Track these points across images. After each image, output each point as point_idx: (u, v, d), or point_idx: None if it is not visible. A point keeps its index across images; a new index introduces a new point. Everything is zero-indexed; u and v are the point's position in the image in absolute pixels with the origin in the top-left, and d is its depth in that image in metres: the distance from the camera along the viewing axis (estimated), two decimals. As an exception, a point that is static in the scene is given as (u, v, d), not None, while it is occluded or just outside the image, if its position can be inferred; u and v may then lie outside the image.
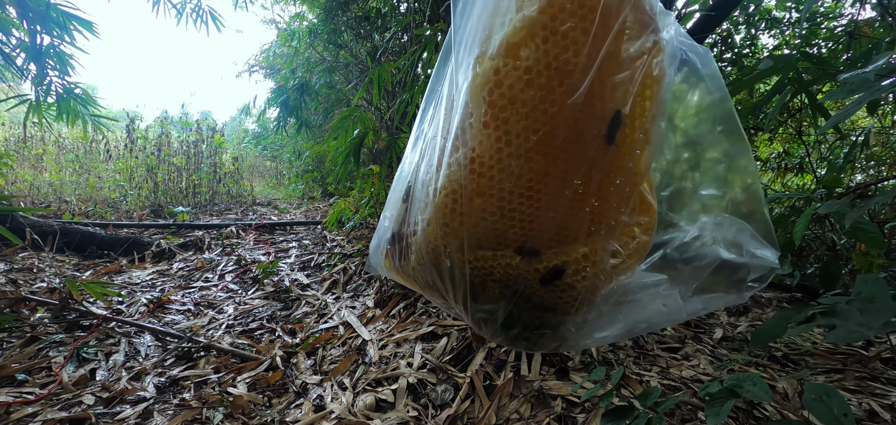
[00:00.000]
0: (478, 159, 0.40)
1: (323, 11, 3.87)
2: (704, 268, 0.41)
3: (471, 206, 0.41)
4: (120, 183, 4.86)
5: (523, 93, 0.37)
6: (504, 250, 0.42)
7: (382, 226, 0.57)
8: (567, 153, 0.38)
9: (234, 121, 11.31)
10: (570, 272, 0.41)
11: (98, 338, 1.62)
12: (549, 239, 0.41)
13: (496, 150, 0.39)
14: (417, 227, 0.47)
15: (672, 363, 1.37)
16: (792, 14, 2.69)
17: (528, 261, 0.42)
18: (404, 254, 0.52)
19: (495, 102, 0.38)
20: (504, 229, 0.41)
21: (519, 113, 0.38)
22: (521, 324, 0.47)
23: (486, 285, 0.44)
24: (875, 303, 0.39)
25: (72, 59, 2.47)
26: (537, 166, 0.39)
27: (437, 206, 0.43)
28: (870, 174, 2.96)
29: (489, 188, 0.40)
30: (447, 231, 0.43)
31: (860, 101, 0.44)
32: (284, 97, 4.46)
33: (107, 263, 2.63)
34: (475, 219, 0.42)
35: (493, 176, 0.40)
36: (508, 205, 0.40)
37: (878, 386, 1.29)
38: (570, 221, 0.40)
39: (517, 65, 0.37)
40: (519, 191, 0.40)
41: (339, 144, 2.10)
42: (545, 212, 0.40)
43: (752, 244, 0.40)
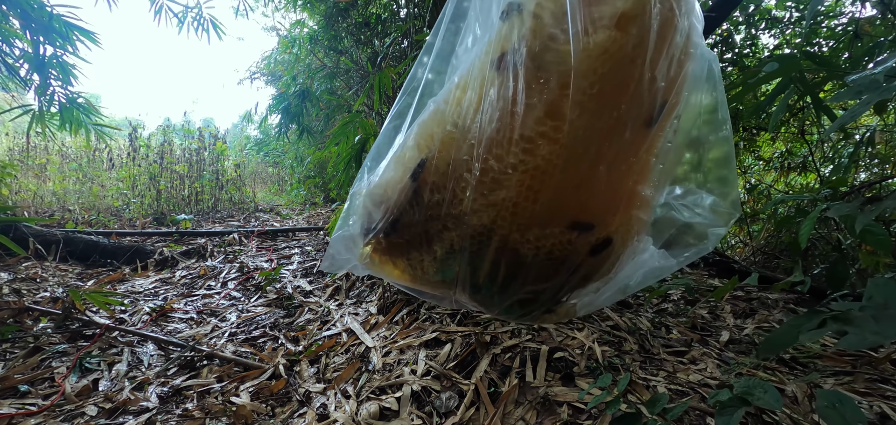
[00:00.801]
0: (570, 133, 0.39)
1: (323, 18, 3.89)
2: (667, 228, 0.46)
3: (551, 184, 0.40)
4: (123, 191, 4.88)
5: (625, 69, 0.38)
6: (560, 227, 0.43)
7: (363, 212, 0.50)
8: (632, 133, 0.40)
9: (235, 128, 11.36)
10: (616, 241, 0.44)
11: (101, 348, 1.61)
12: (602, 212, 0.43)
13: (588, 125, 0.39)
14: (454, 209, 0.43)
15: (679, 367, 1.35)
16: (792, 13, 2.69)
17: (585, 235, 0.43)
18: (417, 245, 0.47)
19: (605, 76, 0.38)
20: (570, 206, 0.42)
21: (615, 88, 0.39)
22: (554, 300, 0.48)
23: (542, 265, 0.44)
24: (889, 309, 0.38)
25: (74, 68, 2.49)
26: (613, 143, 0.40)
27: (511, 184, 0.40)
28: (874, 172, 2.94)
29: (575, 164, 0.40)
30: (515, 211, 0.41)
31: (868, 102, 0.44)
32: (286, 103, 4.48)
33: (110, 272, 2.63)
34: (550, 197, 0.41)
35: (580, 152, 0.39)
36: (583, 181, 0.41)
37: (888, 388, 1.28)
38: (618, 195, 0.43)
39: (628, 40, 0.38)
40: (594, 169, 0.41)
41: (340, 150, 2.10)
42: (604, 187, 0.42)
43: (708, 211, 0.45)
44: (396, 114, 0.54)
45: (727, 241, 3.75)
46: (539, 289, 0.46)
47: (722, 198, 0.45)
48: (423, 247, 0.47)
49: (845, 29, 2.26)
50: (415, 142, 0.47)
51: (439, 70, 0.53)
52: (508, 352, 1.36)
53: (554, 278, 0.44)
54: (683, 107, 0.42)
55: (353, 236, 0.51)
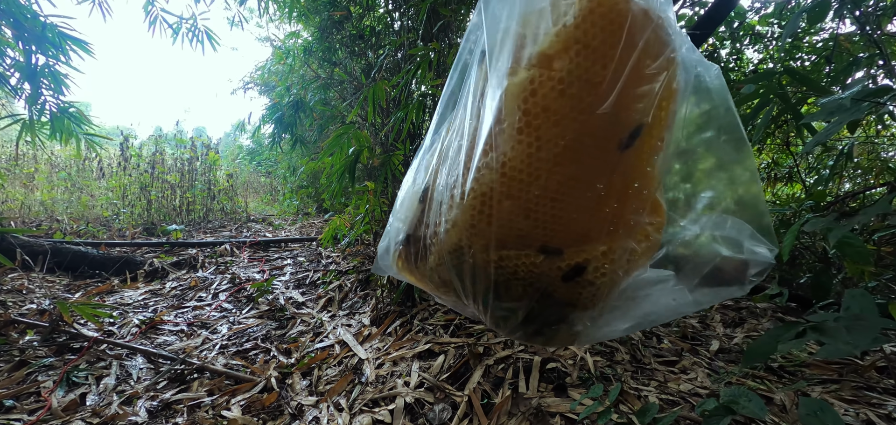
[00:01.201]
0: (509, 163, 0.42)
1: (318, 30, 3.92)
2: (705, 264, 0.43)
3: (500, 208, 0.43)
4: (112, 201, 4.82)
5: (556, 102, 0.40)
6: (527, 250, 0.44)
7: (393, 228, 0.58)
8: (592, 159, 0.41)
9: (228, 137, 11.30)
10: (590, 269, 0.44)
11: (89, 361, 1.59)
12: (572, 238, 0.44)
13: (527, 155, 0.41)
14: (439, 228, 0.48)
15: (670, 377, 1.37)
16: (775, 29, 2.77)
17: (552, 259, 0.44)
18: (421, 255, 0.53)
19: (530, 110, 0.41)
20: (529, 230, 0.43)
21: (550, 120, 0.40)
22: (541, 321, 0.49)
23: (509, 284, 0.46)
24: (862, 320, 0.40)
25: (67, 78, 2.47)
26: (564, 171, 0.41)
27: (465, 208, 0.44)
28: (857, 183, 3.02)
29: (518, 191, 0.42)
30: (473, 232, 0.45)
31: (838, 123, 0.46)
32: (279, 114, 4.48)
33: (98, 283, 2.60)
34: (503, 221, 0.43)
35: (523, 180, 0.42)
36: (535, 207, 0.42)
37: (874, 395, 1.30)
38: (592, 222, 0.43)
39: (552, 75, 0.40)
40: (546, 195, 0.42)
41: (334, 161, 2.11)
42: (569, 213, 0.42)
43: (750, 241, 0.42)
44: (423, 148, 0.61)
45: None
46: (513, 306, 0.48)
47: (757, 228, 0.42)
48: (425, 258, 0.53)
49: (826, 44, 2.33)
50: (425, 170, 0.55)
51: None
52: (501, 363, 1.36)
53: (526, 298, 0.46)
54: (666, 127, 0.42)
55: (389, 247, 0.58)
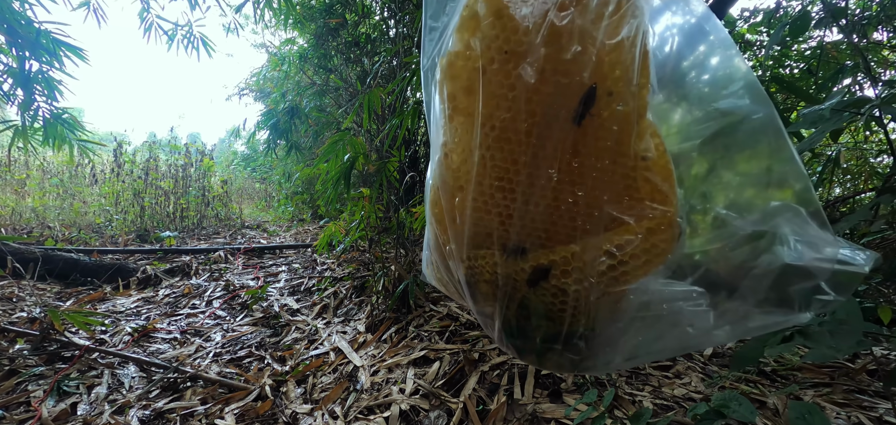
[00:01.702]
0: (450, 154, 0.40)
1: (313, 37, 3.93)
2: (763, 277, 0.30)
3: (460, 204, 0.40)
4: (105, 207, 4.78)
5: (477, 82, 0.36)
6: (492, 249, 0.40)
7: (427, 235, 0.55)
8: (536, 138, 0.35)
9: (222, 143, 11.27)
10: (555, 272, 0.37)
11: (80, 370, 1.57)
12: (537, 236, 0.38)
13: (463, 143, 0.38)
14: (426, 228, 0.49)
15: (664, 381, 1.37)
16: (764, 37, 2.82)
17: (514, 260, 0.38)
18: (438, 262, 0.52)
19: (453, 94, 0.38)
20: (490, 225, 0.39)
21: (470, 97, 0.37)
22: (525, 335, 0.42)
23: (479, 286, 0.42)
24: (845, 325, 0.41)
25: (60, 84, 2.46)
26: (507, 155, 0.36)
27: (429, 203, 0.44)
28: (847, 188, 3.06)
29: (466, 181, 0.39)
30: (440, 228, 0.43)
31: (820, 134, 0.47)
32: (274, 120, 4.48)
33: (90, 291, 2.57)
34: (464, 216, 0.40)
35: (468, 169, 0.38)
36: (490, 199, 0.38)
37: (865, 398, 1.32)
38: (555, 216, 0.36)
39: (467, 54, 0.36)
40: (496, 184, 0.37)
41: (329, 168, 2.11)
42: (524, 204, 0.37)
43: (821, 241, 0.29)
44: None
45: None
46: (487, 312, 0.44)
47: (817, 223, 0.30)
48: (444, 261, 0.50)
49: (814, 51, 2.38)
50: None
51: None
52: (496, 370, 1.37)
53: (497, 302, 0.41)
54: (643, 89, 0.34)
55: (425, 255, 0.55)
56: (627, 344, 0.37)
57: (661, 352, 0.36)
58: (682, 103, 0.37)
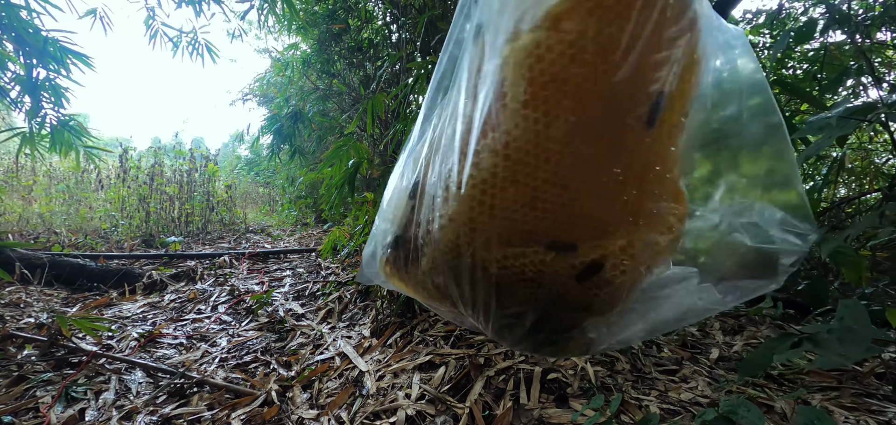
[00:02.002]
0: (513, 143, 0.36)
1: (317, 42, 3.96)
2: (728, 258, 0.38)
3: (503, 197, 0.38)
4: (111, 213, 4.81)
5: (566, 69, 0.35)
6: (535, 246, 0.38)
7: (379, 230, 0.52)
8: (607, 137, 0.36)
9: (226, 148, 11.33)
10: (608, 266, 0.38)
11: (87, 376, 1.58)
12: (587, 232, 0.38)
13: (534, 133, 0.36)
14: (432, 226, 0.42)
15: (671, 386, 1.37)
16: (767, 39, 2.81)
17: (564, 256, 0.38)
18: (412, 258, 0.47)
19: (536, 79, 0.35)
20: (537, 223, 0.38)
21: (560, 91, 0.35)
22: (550, 329, 0.43)
23: (514, 287, 0.40)
24: (853, 331, 0.41)
25: (67, 91, 2.49)
26: (577, 152, 0.36)
27: (463, 199, 0.39)
28: (852, 188, 3.05)
29: (524, 176, 0.36)
30: (473, 226, 0.39)
31: (825, 140, 0.47)
32: (278, 125, 4.51)
33: (97, 296, 2.59)
34: (506, 213, 0.38)
35: (529, 162, 0.36)
36: (543, 195, 0.37)
37: (874, 402, 1.31)
38: (609, 212, 0.37)
39: (561, 38, 0.35)
40: (556, 180, 0.36)
41: (333, 173, 2.12)
42: (582, 201, 0.37)
43: (779, 229, 0.37)
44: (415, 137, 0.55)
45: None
46: (519, 312, 0.43)
47: (789, 212, 0.37)
48: (416, 262, 0.46)
49: (817, 53, 2.37)
50: (413, 162, 0.48)
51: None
52: (502, 375, 1.37)
53: (534, 303, 0.41)
54: (689, 102, 0.37)
55: (375, 252, 0.52)
56: (644, 319, 0.41)
57: (672, 324, 0.41)
58: (718, 68, 0.41)
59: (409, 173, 0.49)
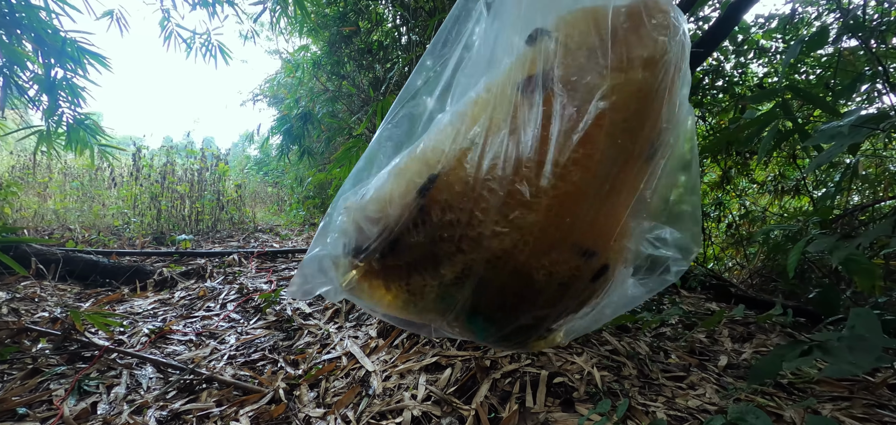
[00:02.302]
0: (601, 161, 0.40)
1: (327, 44, 3.99)
2: (637, 259, 0.49)
3: (576, 210, 0.41)
4: (123, 210, 4.89)
5: (649, 105, 0.42)
6: (574, 253, 0.43)
7: (348, 226, 0.46)
8: (637, 164, 0.44)
9: (236, 147, 11.45)
10: (611, 268, 0.46)
11: (99, 370, 1.61)
12: (602, 241, 0.45)
13: (614, 156, 0.41)
14: (474, 231, 0.41)
15: (678, 392, 1.36)
16: (779, 44, 2.78)
17: (589, 261, 0.44)
18: (420, 268, 0.44)
19: (636, 112, 0.42)
20: (584, 233, 0.42)
21: (639, 121, 0.42)
22: (543, 327, 0.48)
23: (548, 289, 0.44)
24: (864, 340, 0.41)
25: (84, 90, 2.54)
26: (624, 174, 0.43)
27: (541, 208, 0.39)
28: (866, 196, 3.00)
29: (599, 192, 0.41)
30: (541, 235, 0.40)
31: (837, 148, 0.47)
32: (288, 125, 4.56)
33: (109, 292, 2.63)
34: (572, 223, 0.41)
35: (603, 180, 0.41)
36: (600, 209, 0.43)
37: (886, 413, 1.28)
38: (615, 225, 0.45)
39: (655, 79, 0.42)
40: (609, 197, 0.42)
41: (342, 174, 2.14)
42: (611, 219, 0.44)
43: (672, 246, 0.47)
44: (392, 124, 0.51)
45: (725, 264, 3.78)
46: (544, 314, 0.45)
47: (684, 233, 0.47)
48: (428, 270, 0.43)
49: (831, 58, 2.34)
50: (422, 156, 0.44)
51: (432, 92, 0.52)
52: (508, 377, 1.37)
53: (559, 303, 0.44)
54: (672, 147, 0.45)
55: (334, 257, 0.46)
56: (592, 311, 0.49)
57: (611, 314, 0.49)
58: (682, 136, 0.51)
59: (417, 166, 0.44)
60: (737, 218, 3.51)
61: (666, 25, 0.42)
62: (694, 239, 0.47)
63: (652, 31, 0.42)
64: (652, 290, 0.47)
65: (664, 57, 0.42)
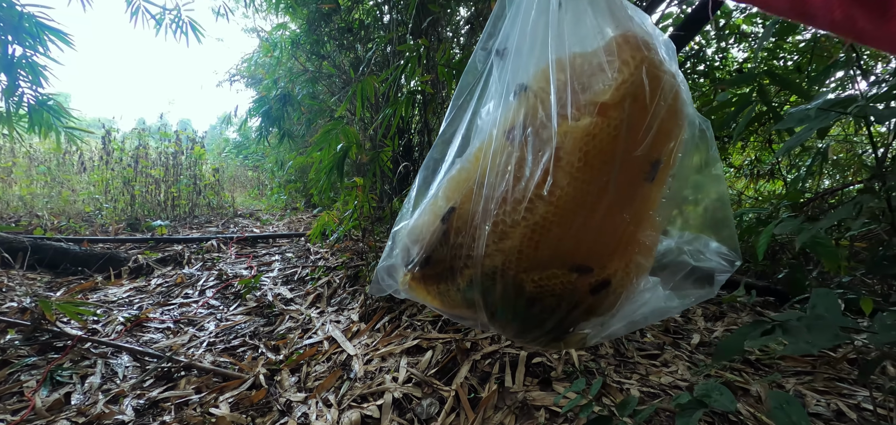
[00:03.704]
0: (562, 195, 0.48)
1: (306, 22, 3.87)
2: (678, 272, 0.53)
3: (548, 235, 0.49)
4: (94, 196, 4.72)
5: (609, 145, 0.47)
6: (564, 269, 0.50)
7: (402, 247, 0.60)
8: (624, 190, 0.48)
9: (213, 130, 11.12)
10: (614, 282, 0.50)
11: (72, 360, 1.57)
12: (601, 258, 0.50)
13: (580, 190, 0.47)
14: (475, 251, 0.52)
15: (651, 370, 1.41)
16: (759, 29, 2.82)
17: (583, 276, 0.50)
18: (443, 275, 0.56)
19: (589, 152, 0.47)
20: (569, 253, 0.49)
21: (602, 159, 0.47)
22: (560, 328, 0.54)
23: (544, 299, 0.51)
24: (823, 319, 0.42)
25: (45, 69, 2.41)
26: (605, 202, 0.48)
27: (516, 236, 0.49)
28: (836, 180, 3.11)
29: (566, 219, 0.48)
30: (519, 256, 0.50)
31: (807, 131, 0.48)
32: (267, 107, 4.43)
33: (81, 280, 2.55)
34: (548, 246, 0.49)
35: (574, 211, 0.48)
36: (577, 233, 0.48)
37: (845, 386, 1.36)
38: (616, 242, 0.50)
39: (609, 123, 0.47)
40: (589, 223, 0.48)
41: (323, 157, 2.10)
42: (603, 237, 0.49)
43: (713, 254, 0.52)
44: (429, 167, 0.65)
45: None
46: (544, 318, 0.54)
47: (722, 242, 0.51)
48: (449, 279, 0.56)
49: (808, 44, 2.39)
50: (444, 194, 0.57)
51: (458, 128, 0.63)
52: (488, 358, 1.39)
53: (557, 311, 0.52)
54: (678, 166, 0.50)
55: (396, 266, 0.61)
56: (624, 318, 0.53)
57: (644, 321, 0.53)
58: (696, 147, 0.54)
59: (441, 201, 0.58)
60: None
61: (633, 63, 0.46)
62: (733, 247, 0.50)
63: (613, 73, 0.47)
64: (692, 301, 0.51)
65: (620, 101, 0.47)
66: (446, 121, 0.63)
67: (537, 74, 0.52)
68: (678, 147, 0.49)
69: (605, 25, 0.49)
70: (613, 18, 0.48)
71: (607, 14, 0.48)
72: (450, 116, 0.62)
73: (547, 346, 0.56)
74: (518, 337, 0.58)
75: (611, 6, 0.48)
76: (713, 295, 0.49)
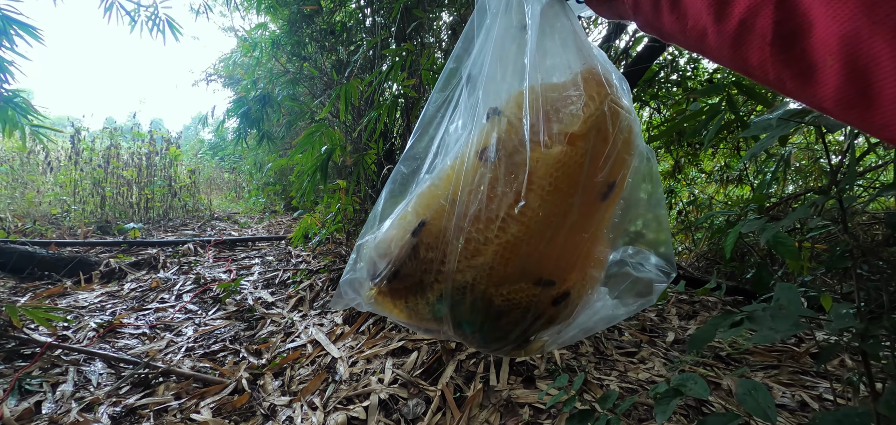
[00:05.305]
0: (532, 217, 0.51)
1: (287, 23, 3.82)
2: (622, 282, 0.58)
3: (517, 253, 0.52)
4: (62, 197, 4.52)
5: (576, 172, 0.50)
6: (529, 283, 0.53)
7: (368, 261, 0.60)
8: (585, 210, 0.52)
9: (188, 131, 10.81)
10: (573, 294, 0.55)
11: (42, 368, 1.50)
12: (561, 271, 0.54)
13: (548, 212, 0.51)
14: (444, 267, 0.54)
15: (629, 367, 1.46)
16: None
17: (546, 289, 0.53)
18: (412, 289, 0.58)
19: (558, 178, 0.51)
20: (533, 268, 0.53)
21: (568, 184, 0.50)
22: (523, 337, 0.57)
23: (511, 311, 0.55)
24: (784, 310, 0.47)
25: (12, 65, 2.31)
26: (568, 221, 0.51)
27: (488, 253, 0.52)
28: (799, 185, 3.29)
29: (536, 238, 0.51)
30: (490, 272, 0.53)
31: (769, 139, 0.53)
32: (245, 108, 4.34)
33: (49, 285, 2.44)
34: (516, 263, 0.52)
35: (542, 230, 0.51)
36: (544, 250, 0.52)
37: (808, 379, 1.44)
38: (575, 257, 0.54)
39: (577, 152, 0.51)
40: (554, 241, 0.51)
41: (305, 159, 2.09)
42: (565, 253, 0.53)
43: (653, 267, 0.58)
44: (396, 181, 0.66)
45: (675, 248, 4.04)
46: (509, 329, 0.57)
47: (660, 257, 0.57)
48: (418, 293, 0.57)
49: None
50: (413, 209, 0.58)
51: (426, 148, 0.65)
52: (473, 358, 1.41)
53: (522, 322, 0.55)
54: (628, 190, 0.55)
55: (361, 280, 0.61)
56: (576, 326, 0.57)
57: (593, 328, 0.57)
58: (643, 174, 0.59)
59: (410, 216, 0.59)
60: (686, 205, 3.75)
61: (599, 98, 0.50)
62: (670, 260, 0.56)
63: (580, 106, 0.51)
64: (636, 309, 0.57)
65: (587, 133, 0.51)
66: (414, 137, 0.64)
67: (509, 101, 0.55)
68: (630, 173, 0.54)
69: (572, 60, 0.52)
70: (580, 54, 0.52)
71: (574, 49, 0.52)
72: (417, 132, 0.63)
73: (509, 354, 0.58)
74: (482, 347, 0.61)
75: (577, 43, 0.52)
76: (653, 303, 0.55)
